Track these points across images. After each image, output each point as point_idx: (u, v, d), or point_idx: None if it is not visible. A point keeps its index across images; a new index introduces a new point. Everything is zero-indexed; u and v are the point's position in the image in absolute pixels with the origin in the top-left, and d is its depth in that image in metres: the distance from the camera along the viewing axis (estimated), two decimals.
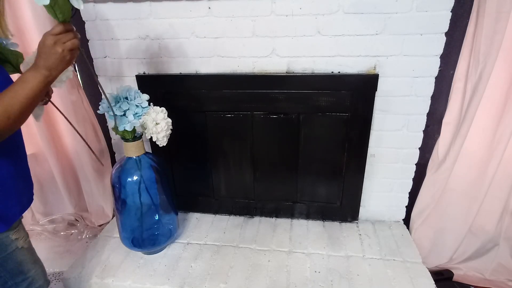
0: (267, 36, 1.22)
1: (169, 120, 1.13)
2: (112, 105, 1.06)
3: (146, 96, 1.12)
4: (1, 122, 0.65)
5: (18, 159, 0.82)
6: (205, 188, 1.53)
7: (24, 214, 0.87)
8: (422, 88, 1.23)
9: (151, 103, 1.14)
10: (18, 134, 0.82)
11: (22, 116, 0.70)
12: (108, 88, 1.40)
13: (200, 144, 1.43)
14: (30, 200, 0.90)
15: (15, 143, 0.81)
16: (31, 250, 0.88)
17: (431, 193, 1.37)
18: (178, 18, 1.23)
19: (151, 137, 1.12)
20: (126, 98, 1.08)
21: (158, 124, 1.09)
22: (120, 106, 1.06)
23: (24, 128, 0.81)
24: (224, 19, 1.21)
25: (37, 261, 0.90)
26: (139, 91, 1.12)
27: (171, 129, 1.16)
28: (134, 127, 1.10)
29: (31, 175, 0.90)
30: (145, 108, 1.11)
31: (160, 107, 1.13)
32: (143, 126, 1.11)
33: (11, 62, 0.85)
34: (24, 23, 1.33)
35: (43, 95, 0.73)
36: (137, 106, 1.09)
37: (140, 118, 1.09)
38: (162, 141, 1.12)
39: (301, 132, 1.34)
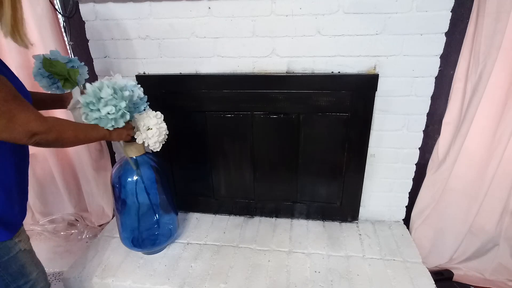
0: (267, 36, 1.22)
1: (163, 126, 1.11)
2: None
3: (140, 93, 1.06)
4: (66, 138, 0.81)
5: (24, 168, 0.85)
6: (205, 188, 1.53)
7: None
8: (422, 88, 1.23)
9: (147, 105, 1.12)
10: (27, 145, 0.84)
11: (65, 144, 0.84)
12: None
13: (200, 144, 1.43)
14: (26, 207, 0.92)
15: (24, 153, 0.84)
16: (32, 252, 0.88)
17: (431, 193, 1.37)
18: (178, 18, 1.23)
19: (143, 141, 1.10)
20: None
21: (150, 129, 1.07)
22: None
23: None
24: (224, 19, 1.21)
25: (38, 264, 0.90)
26: (140, 89, 1.09)
27: (167, 135, 1.13)
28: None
29: (31, 175, 0.92)
30: (136, 107, 1.08)
31: (155, 112, 1.10)
32: (137, 129, 1.09)
33: (73, 80, 1.02)
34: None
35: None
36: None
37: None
38: (154, 147, 1.10)
39: (301, 132, 1.34)
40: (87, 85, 0.94)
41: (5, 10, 0.68)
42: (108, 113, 0.93)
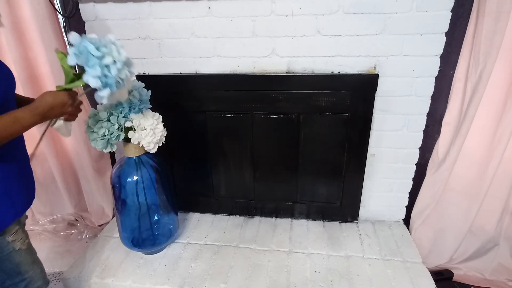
0: (267, 36, 1.22)
1: (160, 127, 1.11)
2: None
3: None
4: None
5: (12, 162, 0.80)
6: (205, 188, 1.53)
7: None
8: (422, 88, 1.23)
9: (149, 106, 1.13)
10: (15, 139, 0.79)
11: None
12: None
13: (200, 144, 1.43)
14: (28, 203, 0.88)
15: (9, 146, 0.77)
16: (29, 251, 0.87)
17: (431, 193, 1.37)
18: (178, 18, 1.23)
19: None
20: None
21: (144, 129, 1.07)
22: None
23: None
24: (224, 19, 1.21)
25: (35, 262, 0.89)
26: (143, 90, 1.12)
27: (164, 136, 1.13)
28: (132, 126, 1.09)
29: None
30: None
31: (153, 113, 1.11)
32: (132, 128, 1.09)
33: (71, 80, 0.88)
34: (23, 22, 1.33)
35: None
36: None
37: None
38: (148, 147, 1.10)
39: (301, 132, 1.34)
40: (91, 109, 1.03)
41: None
42: (104, 134, 1.03)
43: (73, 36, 0.80)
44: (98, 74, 0.81)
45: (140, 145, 1.10)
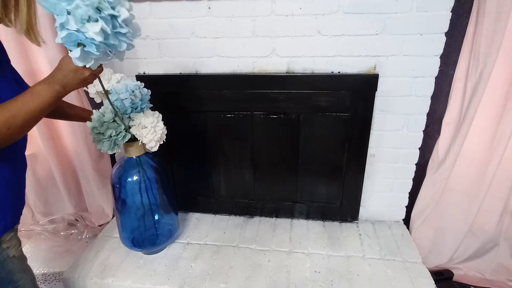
0: (267, 36, 1.22)
1: (160, 125, 1.10)
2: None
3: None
4: (0, 132, 0.63)
5: (12, 173, 0.78)
6: (205, 188, 1.53)
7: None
8: (422, 88, 1.23)
9: (149, 106, 1.13)
10: (15, 146, 0.76)
11: (23, 129, 0.68)
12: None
13: (200, 144, 1.43)
14: (18, 217, 0.84)
15: (8, 155, 0.75)
16: (22, 259, 0.85)
17: (431, 193, 1.37)
18: (178, 18, 1.23)
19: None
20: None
21: (145, 128, 1.07)
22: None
23: None
24: (224, 19, 1.21)
25: (27, 270, 0.87)
26: (143, 89, 1.12)
27: (165, 134, 1.13)
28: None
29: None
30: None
31: (153, 111, 1.11)
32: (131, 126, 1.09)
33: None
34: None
35: (51, 109, 0.72)
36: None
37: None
38: (149, 145, 1.10)
39: (301, 132, 1.34)
40: (94, 111, 1.02)
41: (21, 8, 0.68)
42: (111, 136, 1.01)
43: None
44: (63, 22, 0.62)
45: (140, 143, 1.10)
